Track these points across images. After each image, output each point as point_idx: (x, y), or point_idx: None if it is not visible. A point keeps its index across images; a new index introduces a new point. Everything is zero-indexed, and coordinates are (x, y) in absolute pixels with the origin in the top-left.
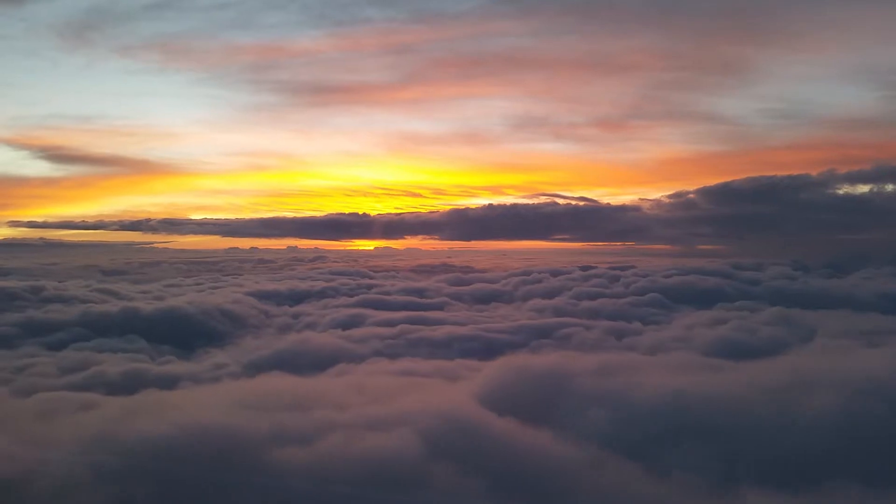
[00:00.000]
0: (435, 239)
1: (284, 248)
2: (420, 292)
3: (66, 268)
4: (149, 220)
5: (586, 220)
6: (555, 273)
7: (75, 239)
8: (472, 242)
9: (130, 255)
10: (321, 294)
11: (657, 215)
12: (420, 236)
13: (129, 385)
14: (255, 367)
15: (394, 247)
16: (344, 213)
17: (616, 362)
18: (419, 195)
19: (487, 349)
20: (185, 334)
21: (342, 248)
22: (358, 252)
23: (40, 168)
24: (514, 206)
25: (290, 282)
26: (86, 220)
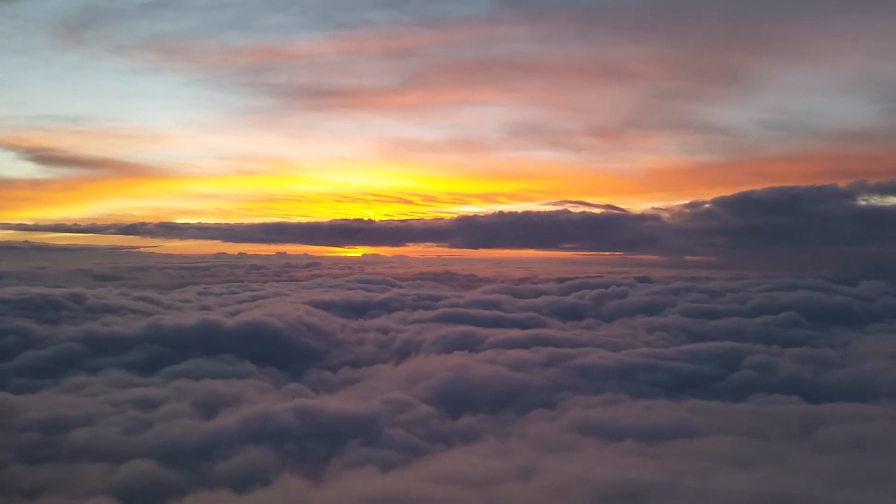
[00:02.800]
0: (442, 246)
1: (273, 253)
2: (495, 305)
3: (57, 272)
4: (144, 223)
5: (600, 229)
6: (607, 284)
7: (60, 242)
8: (479, 251)
9: (117, 259)
10: (384, 306)
11: (675, 225)
12: (424, 243)
13: None
14: (445, 406)
15: (382, 254)
16: (349, 219)
17: None
18: (410, 202)
19: (678, 382)
20: (280, 352)
21: (330, 255)
22: (349, 259)
23: (27, 170)
24: (527, 213)
25: (338, 291)
26: (78, 223)
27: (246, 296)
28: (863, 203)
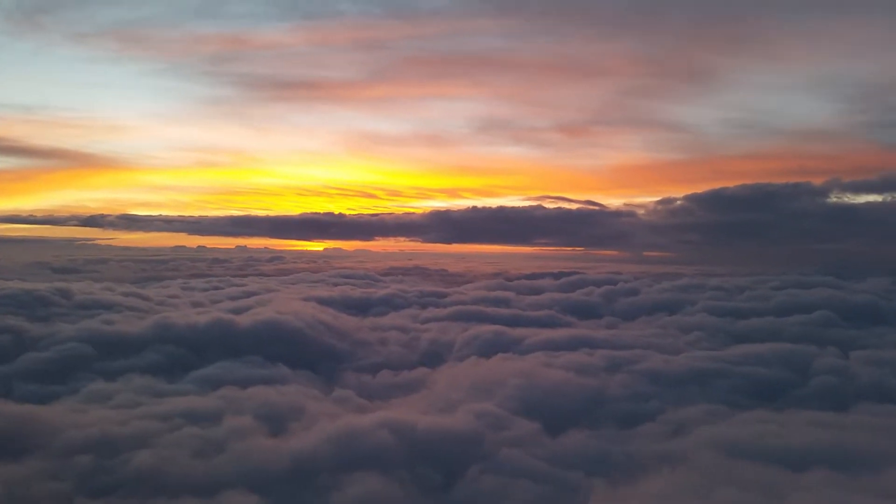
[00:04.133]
0: (414, 241)
1: (234, 247)
2: (504, 302)
3: (12, 264)
4: (104, 215)
5: (574, 224)
6: (602, 281)
7: (11, 234)
8: (452, 246)
9: (73, 251)
10: (387, 303)
11: (649, 221)
12: (394, 238)
13: None
14: (540, 418)
15: (344, 248)
16: (318, 213)
17: None
18: (374, 196)
19: (757, 388)
20: (305, 353)
21: (291, 249)
22: (312, 253)
23: None
24: (501, 208)
25: (328, 287)
26: (33, 214)
27: (233, 291)
28: (835, 200)
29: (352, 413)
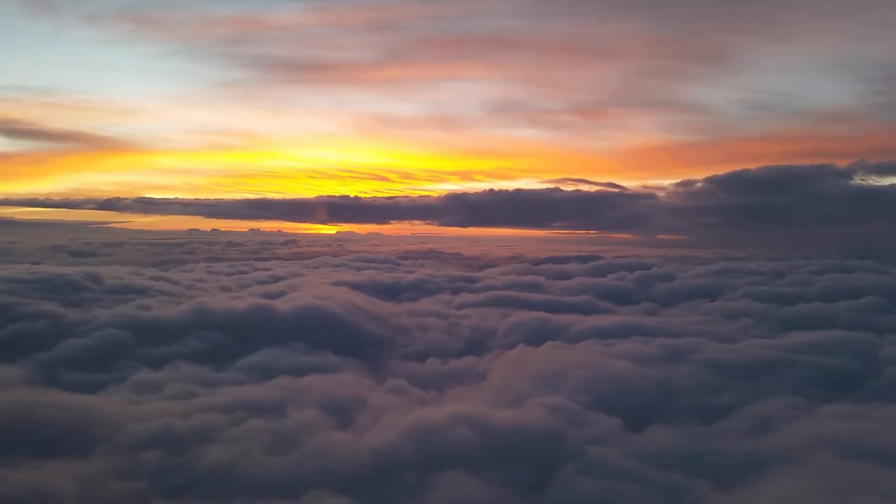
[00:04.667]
0: (430, 224)
1: (247, 230)
2: (537, 287)
3: (29, 248)
4: (120, 198)
5: (593, 207)
6: (634, 266)
7: (25, 217)
8: (468, 229)
9: (87, 234)
10: (417, 288)
11: (670, 204)
12: (410, 221)
13: None
14: (617, 413)
15: (357, 231)
16: (334, 196)
17: None
18: (386, 179)
19: (830, 379)
20: (347, 340)
21: (304, 232)
22: (325, 236)
23: None
24: (518, 191)
25: (352, 272)
26: (50, 197)
27: (259, 275)
28: (859, 182)
29: (411, 404)
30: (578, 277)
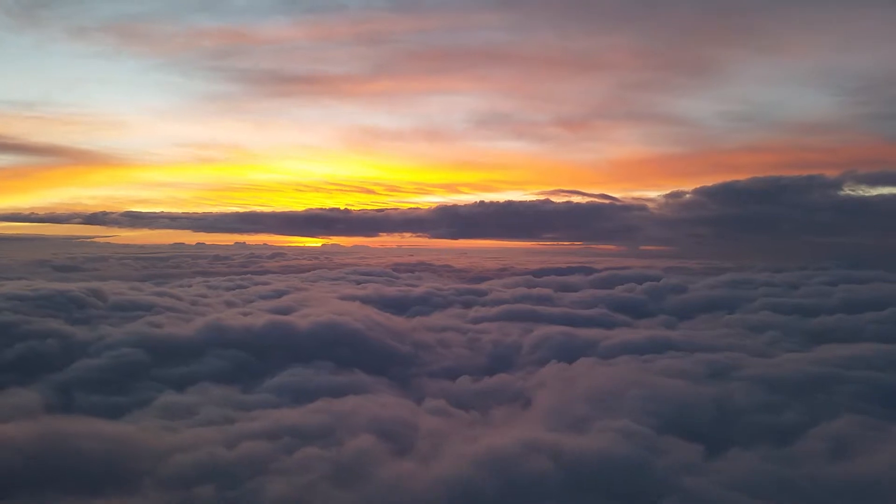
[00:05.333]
0: (420, 237)
1: (232, 243)
2: (548, 300)
3: (14, 263)
4: (106, 213)
5: (584, 219)
6: (641, 278)
7: (6, 232)
8: (458, 241)
9: (71, 249)
10: (425, 302)
11: (660, 215)
12: (399, 233)
13: None
14: (688, 435)
15: (342, 244)
16: (324, 209)
17: None
18: (372, 191)
19: (889, 397)
20: (371, 357)
21: (290, 245)
22: (311, 249)
23: None
24: (509, 203)
25: (347, 286)
26: (35, 211)
27: (261, 290)
28: (849, 193)
29: (459, 426)
30: (586, 289)
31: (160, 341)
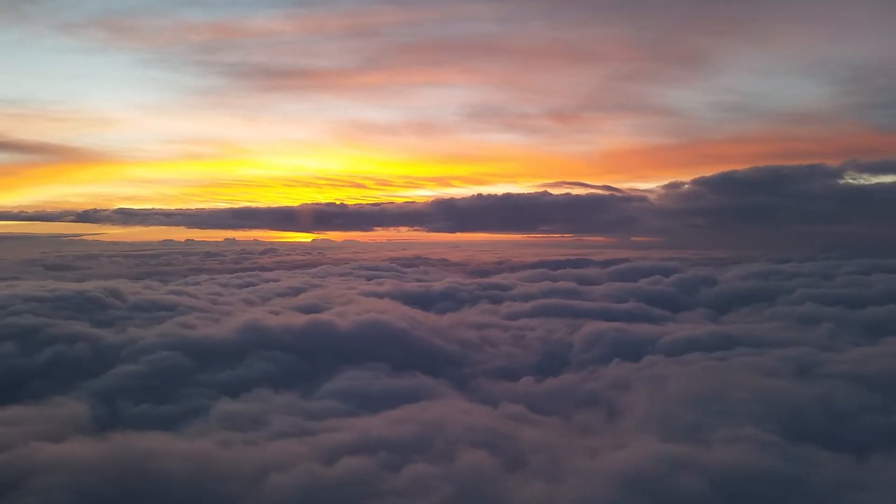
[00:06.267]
0: (418, 230)
1: (222, 240)
2: (576, 294)
3: (5, 262)
4: (98, 210)
5: (584, 211)
6: (656, 270)
7: None
8: (456, 235)
9: (60, 247)
10: (449, 297)
11: (660, 206)
12: (396, 227)
13: None
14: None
15: (333, 239)
16: (321, 203)
17: None
18: (363, 186)
19: None
20: (422, 357)
21: (279, 241)
22: (302, 245)
23: None
24: (508, 195)
25: (357, 282)
26: (24, 210)
27: (275, 287)
28: (849, 182)
29: (555, 435)
30: (608, 283)
31: (197, 344)
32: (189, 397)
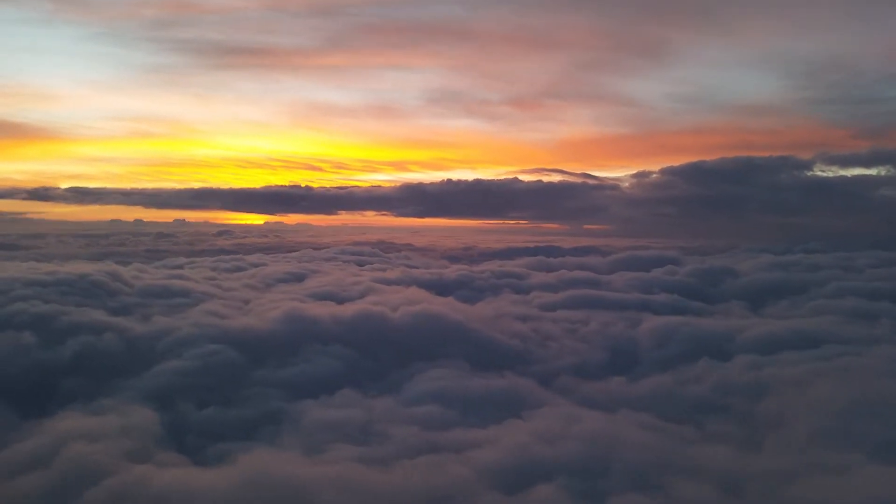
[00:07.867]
0: (384, 215)
1: (171, 220)
2: (596, 283)
3: None
4: (47, 188)
5: (553, 198)
6: (660, 259)
7: None
8: (425, 220)
9: (3, 227)
10: (465, 285)
11: (630, 195)
12: (361, 211)
13: None
14: None
15: (286, 222)
16: (284, 186)
17: None
18: (319, 168)
19: None
20: (498, 355)
21: (231, 222)
22: (257, 227)
23: None
24: (478, 181)
25: (349, 266)
26: None
27: (270, 271)
28: (817, 174)
29: (715, 453)
30: (623, 273)
31: (240, 336)
32: (255, 399)
